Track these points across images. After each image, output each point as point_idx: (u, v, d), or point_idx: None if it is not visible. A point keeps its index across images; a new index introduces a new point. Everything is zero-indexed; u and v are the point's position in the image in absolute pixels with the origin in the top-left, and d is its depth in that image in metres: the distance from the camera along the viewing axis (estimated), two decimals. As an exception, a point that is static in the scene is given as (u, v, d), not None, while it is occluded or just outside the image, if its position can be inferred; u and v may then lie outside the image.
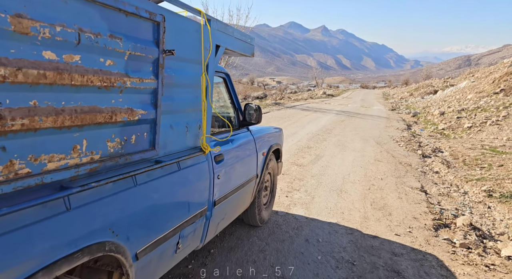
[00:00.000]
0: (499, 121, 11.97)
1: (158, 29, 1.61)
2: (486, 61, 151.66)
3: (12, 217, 1.08)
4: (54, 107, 1.16)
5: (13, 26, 0.98)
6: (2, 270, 1.02)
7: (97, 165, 1.38)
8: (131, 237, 1.58)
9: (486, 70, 29.22)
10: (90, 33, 1.25)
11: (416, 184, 5.71)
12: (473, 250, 3.49)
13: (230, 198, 2.71)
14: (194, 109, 2.12)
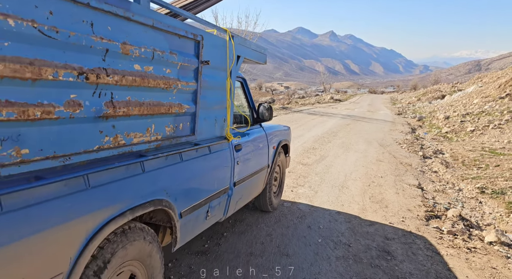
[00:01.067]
0: (501, 124, 12.25)
1: (198, 46, 2.21)
2: (497, 66, 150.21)
3: (115, 171, 1.67)
4: (139, 101, 1.76)
5: (121, 50, 1.58)
6: (111, 204, 1.62)
7: (160, 143, 1.99)
8: (178, 199, 2.13)
9: (494, 75, 29.31)
10: (159, 51, 1.84)
11: (414, 182, 6.10)
12: (459, 236, 3.89)
13: (246, 181, 3.26)
14: (221, 106, 2.68)
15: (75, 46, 1.37)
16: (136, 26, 1.68)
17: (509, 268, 3.29)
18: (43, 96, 1.28)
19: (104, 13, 1.48)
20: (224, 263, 3.01)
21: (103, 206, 1.57)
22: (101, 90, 1.52)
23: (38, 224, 1.29)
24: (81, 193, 1.48)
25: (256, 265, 3.03)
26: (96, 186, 1.55)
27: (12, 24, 1.13)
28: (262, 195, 4.02)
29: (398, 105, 30.78)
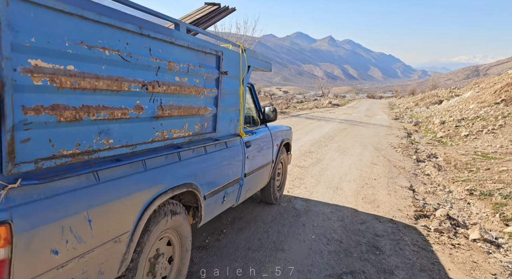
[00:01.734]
0: (494, 129, 12.53)
1: (219, 59, 2.70)
2: (495, 72, 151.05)
3: (162, 158, 2.21)
4: (178, 105, 2.26)
5: (167, 66, 2.10)
6: (159, 183, 2.13)
7: (191, 138, 2.50)
8: (203, 184, 2.63)
9: (491, 81, 29.67)
10: (192, 66, 2.34)
11: (406, 184, 6.35)
12: (445, 234, 4.12)
13: (254, 174, 3.76)
14: (235, 108, 3.20)
15: (140, 66, 1.89)
16: (177, 48, 2.21)
17: (489, 262, 3.52)
18: (122, 102, 1.80)
19: (157, 40, 2.00)
20: (224, 257, 3.24)
21: (154, 184, 2.09)
22: (154, 97, 2.04)
23: (118, 192, 1.83)
24: (140, 174, 2.00)
25: (253, 259, 3.26)
26: (150, 169, 2.08)
27: (107, 53, 1.64)
28: (267, 188, 4.55)
29: (395, 110, 31.09)
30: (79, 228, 1.58)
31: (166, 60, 2.07)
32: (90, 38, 1.57)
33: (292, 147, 5.33)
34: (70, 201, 1.57)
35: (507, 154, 8.87)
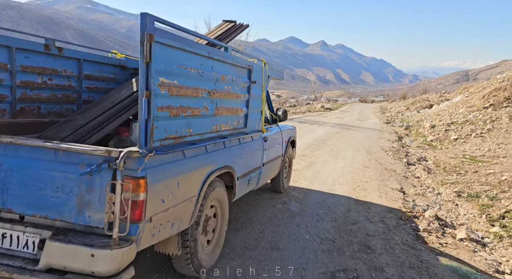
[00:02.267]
0: (483, 133, 12.85)
1: (250, 72, 3.50)
2: (484, 76, 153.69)
3: (215, 145, 2.94)
4: (225, 106, 3.08)
5: (221, 78, 2.91)
6: (213, 163, 2.87)
7: (232, 131, 3.32)
8: (237, 168, 3.34)
9: (480, 85, 30.25)
10: (234, 77, 3.15)
11: (396, 186, 6.53)
12: (433, 233, 4.29)
13: (269, 164, 4.50)
14: (258, 110, 4.00)
15: (207, 79, 2.69)
16: (226, 65, 3.01)
17: (474, 260, 3.70)
18: (198, 104, 2.63)
19: (216, 60, 2.82)
20: (222, 255, 3.36)
21: (210, 163, 2.85)
22: (213, 101, 2.85)
23: (192, 166, 2.61)
24: (204, 155, 2.76)
25: (250, 257, 3.38)
26: (209, 152, 2.83)
27: (192, 71, 2.50)
28: (277, 178, 5.33)
29: (387, 114, 31.49)
30: (174, 188, 2.34)
31: (221, 74, 2.89)
32: (184, 62, 2.40)
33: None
34: (171, 169, 2.33)
35: (494, 157, 9.13)
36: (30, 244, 2.07)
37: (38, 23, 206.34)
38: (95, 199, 2.02)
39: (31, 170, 2.10)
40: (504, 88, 19.94)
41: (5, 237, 2.10)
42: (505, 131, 12.55)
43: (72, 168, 2.05)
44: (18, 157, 2.13)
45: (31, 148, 2.12)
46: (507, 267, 3.65)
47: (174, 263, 2.82)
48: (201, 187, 2.70)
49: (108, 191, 1.95)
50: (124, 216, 1.96)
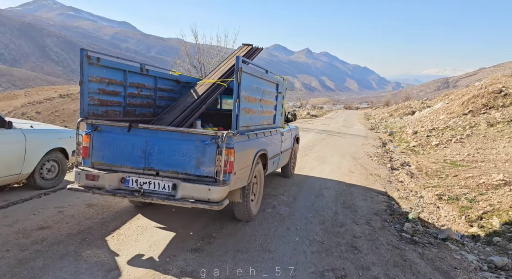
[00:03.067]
0: (462, 139, 13.33)
1: (277, 85, 5.18)
2: (463, 84, 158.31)
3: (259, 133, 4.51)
4: (266, 109, 4.68)
5: (265, 91, 4.52)
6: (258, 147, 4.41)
7: (267, 126, 4.89)
8: (269, 151, 4.88)
9: (459, 93, 31.21)
10: (269, 89, 4.76)
11: (381, 190, 6.77)
12: (416, 234, 4.51)
13: (283, 153, 6.09)
14: (280, 112, 5.55)
15: (259, 91, 4.22)
16: (267, 82, 4.56)
17: (454, 258, 3.92)
18: (255, 107, 4.13)
19: (264, 80, 4.41)
20: (215, 259, 3.48)
21: (257, 146, 4.34)
22: (261, 105, 4.36)
23: (250, 146, 4.13)
24: (255, 139, 4.31)
25: (243, 259, 3.51)
26: (258, 138, 4.43)
27: (255, 87, 4.08)
28: (286, 166, 6.92)
29: (371, 121, 32.13)
30: (243, 157, 3.86)
31: (265, 88, 4.46)
32: (252, 82, 3.97)
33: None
34: (243, 145, 3.84)
35: (473, 161, 9.52)
36: (166, 187, 3.59)
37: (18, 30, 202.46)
38: (206, 160, 3.57)
39: (166, 143, 3.65)
40: (482, 95, 20.71)
41: (150, 184, 3.63)
42: (483, 136, 13.06)
43: (192, 142, 3.59)
44: (158, 137, 3.69)
45: (166, 131, 3.68)
46: (485, 264, 3.88)
47: (235, 210, 4.39)
48: (253, 160, 4.20)
49: (217, 155, 3.52)
50: (224, 169, 3.49)
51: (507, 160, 8.92)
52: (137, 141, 3.73)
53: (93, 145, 3.84)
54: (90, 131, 3.84)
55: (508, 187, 6.18)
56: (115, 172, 3.75)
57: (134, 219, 4.38)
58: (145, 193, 3.60)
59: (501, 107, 18.18)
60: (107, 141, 3.83)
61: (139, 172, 3.73)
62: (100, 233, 3.89)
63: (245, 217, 4.42)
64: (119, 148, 3.79)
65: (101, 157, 3.83)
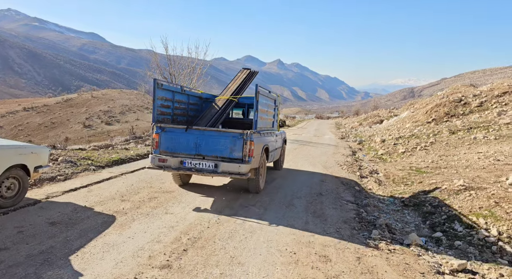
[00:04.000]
0: (426, 146, 13.90)
1: (275, 101, 8.06)
2: (427, 93, 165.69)
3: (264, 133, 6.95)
4: (269, 117, 7.58)
5: (269, 106, 7.64)
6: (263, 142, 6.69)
7: (269, 129, 7.54)
8: (270, 146, 7.19)
9: (423, 102, 32.61)
10: (270, 105, 7.64)
11: (351, 198, 6.92)
12: (383, 241, 4.64)
13: (277, 150, 8.32)
14: (276, 120, 8.28)
15: (267, 105, 7.11)
16: (270, 99, 7.44)
17: (418, 263, 4.06)
18: (264, 115, 6.89)
19: (268, 98, 7.21)
20: (185, 275, 3.42)
21: (263, 142, 6.60)
22: (267, 114, 7.22)
23: (260, 140, 6.41)
24: (263, 137, 6.70)
25: (212, 274, 3.47)
26: (265, 136, 6.86)
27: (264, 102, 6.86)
28: (277, 161, 9.24)
29: (342, 130, 32.89)
30: (257, 147, 6.04)
31: (269, 103, 7.25)
32: (265, 100, 6.79)
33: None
34: (258, 139, 6.09)
35: (436, 168, 9.93)
36: (211, 166, 5.69)
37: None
38: (236, 148, 5.70)
39: (210, 138, 5.79)
40: (444, 104, 21.75)
41: (200, 164, 5.71)
42: (445, 143, 13.68)
43: (227, 137, 5.74)
44: (204, 135, 5.82)
45: (210, 131, 5.87)
46: (446, 268, 4.04)
47: (249, 185, 6.58)
48: (262, 151, 6.42)
49: (243, 145, 5.65)
50: (248, 153, 5.66)
51: (467, 166, 9.38)
52: (191, 137, 5.91)
53: (160, 140, 6.02)
54: (159, 131, 6.03)
55: (468, 192, 6.49)
56: (176, 157, 5.90)
57: (101, 236, 4.24)
58: (198, 169, 5.80)
59: (462, 115, 19.15)
60: (169, 138, 6.00)
61: (192, 157, 5.90)
62: (63, 253, 3.73)
63: (255, 190, 6.67)
64: (178, 142, 5.96)
65: (166, 148, 6.03)
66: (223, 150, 5.78)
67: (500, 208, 5.41)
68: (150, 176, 7.77)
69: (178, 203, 5.82)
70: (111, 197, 5.93)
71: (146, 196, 6.16)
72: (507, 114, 16.55)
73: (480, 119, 16.89)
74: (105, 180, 7.14)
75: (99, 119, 45.47)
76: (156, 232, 4.50)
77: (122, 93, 60.73)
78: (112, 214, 5.08)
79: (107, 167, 8.56)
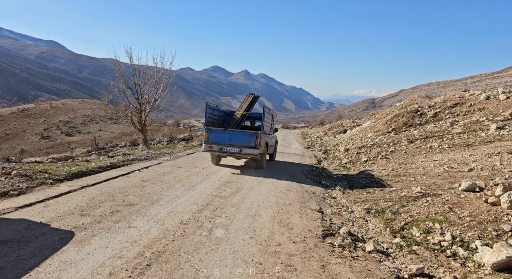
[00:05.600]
0: (387, 155, 14.49)
1: (272, 115, 14.11)
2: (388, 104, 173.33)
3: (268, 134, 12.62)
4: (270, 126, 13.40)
5: (269, 119, 13.22)
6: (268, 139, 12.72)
7: (268, 132, 12.63)
8: (268, 142, 12.25)
9: (384, 112, 34.01)
10: (270, 117, 13.24)
11: (316, 207, 7.05)
12: (346, 248, 4.76)
13: (272, 146, 13.76)
14: (272, 126, 14.03)
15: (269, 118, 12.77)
16: (269, 114, 12.86)
17: (379, 269, 4.20)
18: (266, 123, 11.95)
19: (269, 113, 12.78)
20: (148, 289, 3.32)
21: (265, 139, 11.45)
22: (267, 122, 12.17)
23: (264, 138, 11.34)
24: (265, 136, 11.48)
25: (178, 288, 3.40)
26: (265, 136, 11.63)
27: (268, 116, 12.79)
28: (272, 154, 14.07)
29: (308, 139, 33.52)
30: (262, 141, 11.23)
31: (270, 116, 13.16)
32: (267, 114, 12.14)
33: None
34: (263, 137, 11.10)
35: (396, 176, 10.37)
36: (237, 150, 10.75)
37: None
38: (252, 140, 10.69)
39: (238, 135, 10.86)
40: (402, 115, 22.80)
41: (231, 149, 10.76)
42: (404, 152, 14.33)
43: (247, 135, 10.81)
44: (234, 133, 10.95)
45: (238, 131, 11.12)
46: (406, 273, 4.20)
47: (257, 163, 11.56)
48: (264, 144, 11.17)
49: (256, 139, 10.66)
50: (259, 143, 10.67)
51: (424, 174, 9.87)
52: (226, 134, 10.82)
53: (209, 136, 10.85)
54: (208, 131, 10.92)
55: (425, 198, 6.83)
56: (218, 145, 10.74)
57: (57, 254, 4.03)
58: (231, 152, 10.72)
59: (418, 125, 20.17)
60: (214, 135, 10.86)
61: (227, 145, 10.70)
62: (14, 273, 3.50)
63: (261, 166, 11.51)
64: (219, 137, 10.82)
65: (212, 140, 10.83)
66: (245, 142, 10.71)
67: (454, 213, 5.73)
68: (112, 189, 7.51)
69: (142, 216, 5.67)
70: (70, 212, 5.66)
71: (108, 209, 5.94)
72: (458, 124, 17.64)
73: (435, 129, 17.87)
74: (63, 194, 6.81)
75: (58, 130, 43.42)
76: (118, 247, 4.34)
77: (84, 103, 58.50)
78: (71, 229, 4.85)
79: (66, 181, 8.18)
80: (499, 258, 3.92)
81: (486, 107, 19.21)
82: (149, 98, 21.63)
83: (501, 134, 14.07)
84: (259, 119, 13.50)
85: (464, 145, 13.43)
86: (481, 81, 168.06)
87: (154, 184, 8.28)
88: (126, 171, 9.89)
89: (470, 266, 4.29)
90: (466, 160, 10.75)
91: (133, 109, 21.43)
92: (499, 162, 9.63)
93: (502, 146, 11.71)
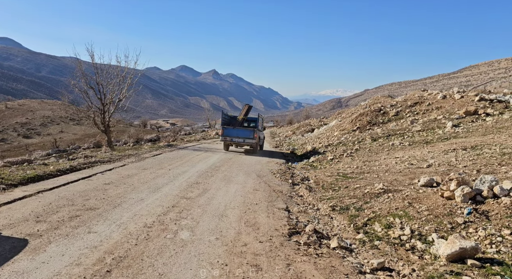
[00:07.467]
0: (352, 153, 14.89)
1: (262, 119, 21.56)
2: (353, 103, 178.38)
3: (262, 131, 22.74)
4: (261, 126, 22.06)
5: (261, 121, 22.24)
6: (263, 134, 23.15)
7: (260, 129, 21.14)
8: (260, 136, 20.05)
9: (349, 111, 34.93)
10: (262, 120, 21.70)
11: (282, 206, 7.11)
12: (312, 246, 4.83)
13: (262, 139, 21.47)
14: (262, 126, 21.84)
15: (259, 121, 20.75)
16: (261, 118, 20.81)
17: (343, 265, 4.29)
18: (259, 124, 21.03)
19: (261, 118, 20.87)
20: (107, 297, 3.20)
21: (258, 134, 18.61)
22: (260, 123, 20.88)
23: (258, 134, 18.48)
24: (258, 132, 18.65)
25: (140, 294, 3.30)
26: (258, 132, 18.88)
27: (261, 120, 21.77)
28: (262, 145, 21.49)
29: (276, 139, 33.85)
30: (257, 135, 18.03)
31: (262, 119, 21.21)
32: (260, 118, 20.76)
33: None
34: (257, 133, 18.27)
35: (360, 173, 10.67)
36: (242, 141, 17.68)
37: None
38: (251, 135, 17.56)
39: (242, 131, 17.90)
40: (367, 114, 23.51)
41: (237, 140, 17.78)
42: (368, 150, 14.78)
43: (248, 131, 17.86)
44: (240, 129, 18.04)
45: (243, 128, 18.23)
46: (368, 267, 4.32)
47: (253, 150, 18.36)
48: (258, 137, 18.19)
49: (253, 133, 17.61)
50: (255, 136, 17.57)
51: (387, 170, 10.23)
52: (235, 130, 17.84)
53: (223, 131, 17.80)
54: (223, 128, 17.84)
55: (386, 194, 7.07)
56: (230, 137, 17.78)
57: (8, 264, 3.79)
58: (236, 142, 17.82)
59: (381, 124, 20.89)
60: (227, 130, 17.78)
61: (236, 137, 17.66)
62: (-40, 287, 3.26)
63: (256, 152, 18.28)
64: (230, 132, 17.78)
65: (226, 134, 17.80)
66: (246, 135, 17.34)
67: (413, 208, 5.97)
68: (72, 193, 7.18)
69: (104, 221, 5.46)
70: (24, 219, 5.35)
71: (67, 215, 5.67)
72: (418, 122, 18.46)
73: (397, 127, 18.58)
74: (17, 200, 6.42)
75: (15, 132, 41.06)
76: (76, 254, 4.15)
77: (43, 104, 55.66)
78: (24, 237, 4.58)
79: (21, 185, 7.73)
80: (453, 249, 4.13)
81: (443, 106, 20.23)
82: (112, 98, 20.94)
83: (456, 131, 14.86)
84: (253, 121, 20.22)
85: (423, 143, 14.07)
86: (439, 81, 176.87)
87: (118, 187, 8.01)
88: (87, 174, 9.50)
89: (427, 258, 4.48)
90: (425, 157, 11.26)
91: (95, 110, 20.66)
92: (455, 158, 10.16)
93: (457, 143, 12.37)
